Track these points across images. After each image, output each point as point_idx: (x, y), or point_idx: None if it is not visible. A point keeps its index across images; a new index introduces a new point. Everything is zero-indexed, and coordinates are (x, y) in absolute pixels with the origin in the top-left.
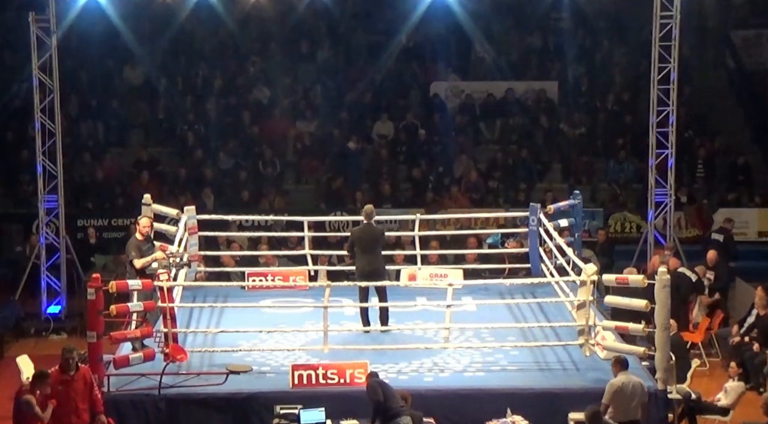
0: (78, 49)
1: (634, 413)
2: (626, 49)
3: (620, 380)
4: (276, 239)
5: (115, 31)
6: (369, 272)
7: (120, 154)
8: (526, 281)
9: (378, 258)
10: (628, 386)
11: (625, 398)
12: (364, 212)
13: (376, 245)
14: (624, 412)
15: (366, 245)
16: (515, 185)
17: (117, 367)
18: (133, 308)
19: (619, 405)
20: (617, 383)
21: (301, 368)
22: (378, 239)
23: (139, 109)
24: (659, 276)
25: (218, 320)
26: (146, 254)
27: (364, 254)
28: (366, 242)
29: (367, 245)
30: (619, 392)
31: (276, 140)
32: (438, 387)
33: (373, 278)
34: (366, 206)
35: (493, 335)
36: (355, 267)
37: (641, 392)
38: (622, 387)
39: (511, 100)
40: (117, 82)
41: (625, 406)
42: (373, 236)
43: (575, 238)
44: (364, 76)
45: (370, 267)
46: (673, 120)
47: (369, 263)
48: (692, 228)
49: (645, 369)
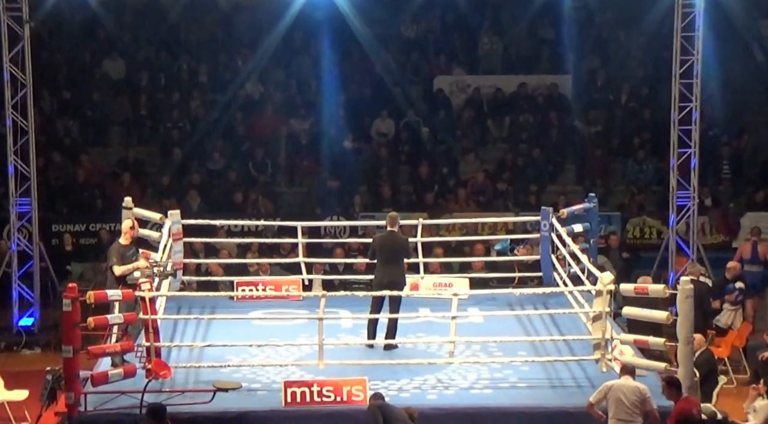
0: (53, 40)
1: (633, 418)
2: (645, 40)
3: (614, 381)
4: (267, 246)
5: (94, 20)
6: (387, 284)
7: (99, 154)
8: (538, 290)
9: (399, 269)
10: (622, 388)
11: (617, 401)
12: (388, 218)
13: (398, 255)
14: (621, 415)
15: (388, 254)
16: (525, 187)
17: (95, 384)
18: (112, 320)
19: (613, 407)
20: (609, 384)
21: (295, 385)
22: (401, 248)
23: (119, 106)
24: (681, 285)
25: (205, 333)
26: (129, 261)
27: (385, 264)
28: (388, 251)
29: (390, 255)
30: (610, 392)
31: (267, 139)
32: (442, 406)
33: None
34: (390, 213)
35: (502, 349)
36: (373, 276)
37: (637, 396)
38: (613, 387)
39: (521, 95)
40: (96, 77)
41: (620, 409)
42: (397, 245)
43: (590, 244)
44: (362, 71)
45: (389, 279)
46: (696, 116)
47: (389, 274)
48: (717, 234)
49: None
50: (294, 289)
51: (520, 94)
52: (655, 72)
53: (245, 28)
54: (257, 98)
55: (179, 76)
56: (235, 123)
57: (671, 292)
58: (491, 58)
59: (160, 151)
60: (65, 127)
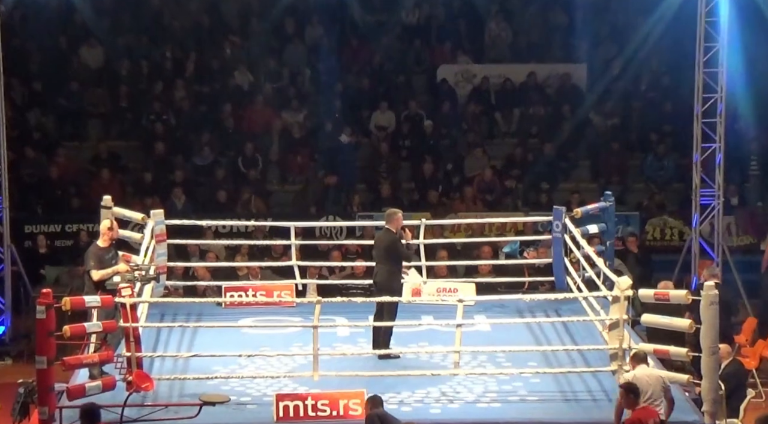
0: (25, 26)
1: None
2: (666, 26)
3: (631, 374)
4: (258, 248)
5: (71, 5)
6: (375, 285)
7: (75, 149)
8: (549, 296)
9: (383, 270)
10: (642, 379)
11: (642, 391)
12: (385, 216)
13: (383, 254)
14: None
15: (376, 253)
16: (536, 185)
17: (71, 398)
18: (90, 328)
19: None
20: (628, 377)
21: (287, 398)
22: (385, 247)
23: (98, 97)
24: (706, 291)
25: (190, 342)
26: (108, 265)
27: (375, 265)
28: (376, 250)
29: (377, 254)
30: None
31: (258, 133)
32: (446, 420)
33: (375, 293)
34: (388, 210)
35: (511, 359)
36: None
37: (657, 387)
38: (633, 380)
39: (531, 86)
40: (72, 65)
41: (641, 400)
42: (382, 243)
43: (606, 246)
44: (360, 59)
45: (374, 280)
46: (721, 108)
47: (374, 275)
48: (744, 235)
49: (689, 400)
50: (287, 294)
51: (530, 85)
52: (677, 60)
53: (234, 14)
54: (247, 89)
55: (162, 65)
56: (223, 116)
57: (694, 298)
58: (499, 46)
59: (142, 146)
60: (38, 120)
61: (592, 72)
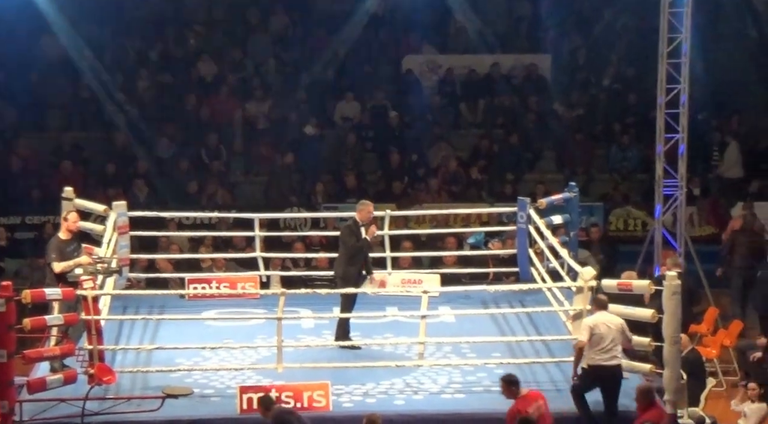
0: None
1: (609, 357)
2: (631, 17)
3: (593, 318)
4: (222, 240)
5: None
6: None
7: (36, 140)
8: (514, 287)
9: (338, 261)
10: (603, 324)
11: (598, 338)
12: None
13: (340, 243)
14: (597, 353)
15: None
16: (501, 176)
17: (32, 391)
18: (51, 321)
19: (591, 346)
20: (589, 321)
21: (251, 390)
22: (340, 236)
23: (58, 88)
24: (668, 281)
25: (153, 334)
26: (70, 257)
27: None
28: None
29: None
30: (593, 329)
31: (222, 124)
32: (411, 412)
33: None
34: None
35: (475, 350)
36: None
37: (617, 333)
38: (597, 322)
39: (496, 76)
40: (32, 56)
41: (598, 347)
42: (340, 235)
43: (571, 237)
44: (324, 49)
45: (334, 271)
46: (684, 99)
47: (335, 266)
48: (707, 225)
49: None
50: (250, 286)
51: (496, 76)
52: (642, 52)
53: (197, 3)
54: (210, 80)
55: (124, 55)
56: (187, 106)
57: (657, 288)
58: (464, 37)
59: (104, 137)
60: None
61: (557, 63)
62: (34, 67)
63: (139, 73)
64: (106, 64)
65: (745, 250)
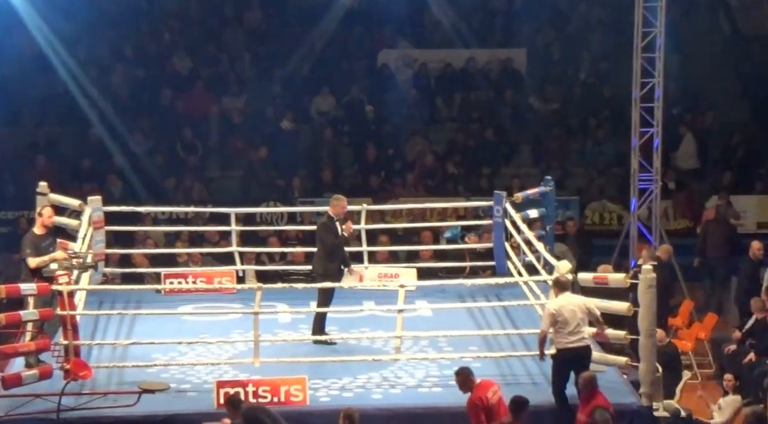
0: None
1: (578, 338)
2: (606, 11)
3: (556, 303)
4: (198, 235)
5: None
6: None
7: (10, 135)
8: (490, 281)
9: (317, 258)
10: (566, 307)
11: (563, 322)
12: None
13: (317, 238)
14: (564, 337)
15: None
16: (477, 170)
17: (7, 387)
18: (26, 316)
19: (558, 330)
20: (552, 307)
21: (228, 384)
22: (317, 232)
23: (32, 82)
24: (644, 274)
25: (129, 329)
26: (45, 252)
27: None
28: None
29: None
30: (556, 316)
31: (197, 119)
32: (388, 406)
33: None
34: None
35: (452, 344)
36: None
37: (581, 315)
38: (560, 307)
39: (472, 71)
40: (5, 51)
41: (565, 330)
42: (317, 232)
43: (547, 231)
44: (300, 44)
45: (313, 268)
46: (659, 94)
47: (314, 263)
48: (681, 219)
49: (627, 383)
50: (227, 281)
51: (471, 70)
52: (617, 46)
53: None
54: (186, 74)
55: (99, 49)
56: (162, 101)
57: (632, 281)
58: (440, 31)
59: (78, 132)
60: None
61: (532, 57)
62: (7, 63)
63: (113, 68)
64: (81, 59)
65: (717, 239)
